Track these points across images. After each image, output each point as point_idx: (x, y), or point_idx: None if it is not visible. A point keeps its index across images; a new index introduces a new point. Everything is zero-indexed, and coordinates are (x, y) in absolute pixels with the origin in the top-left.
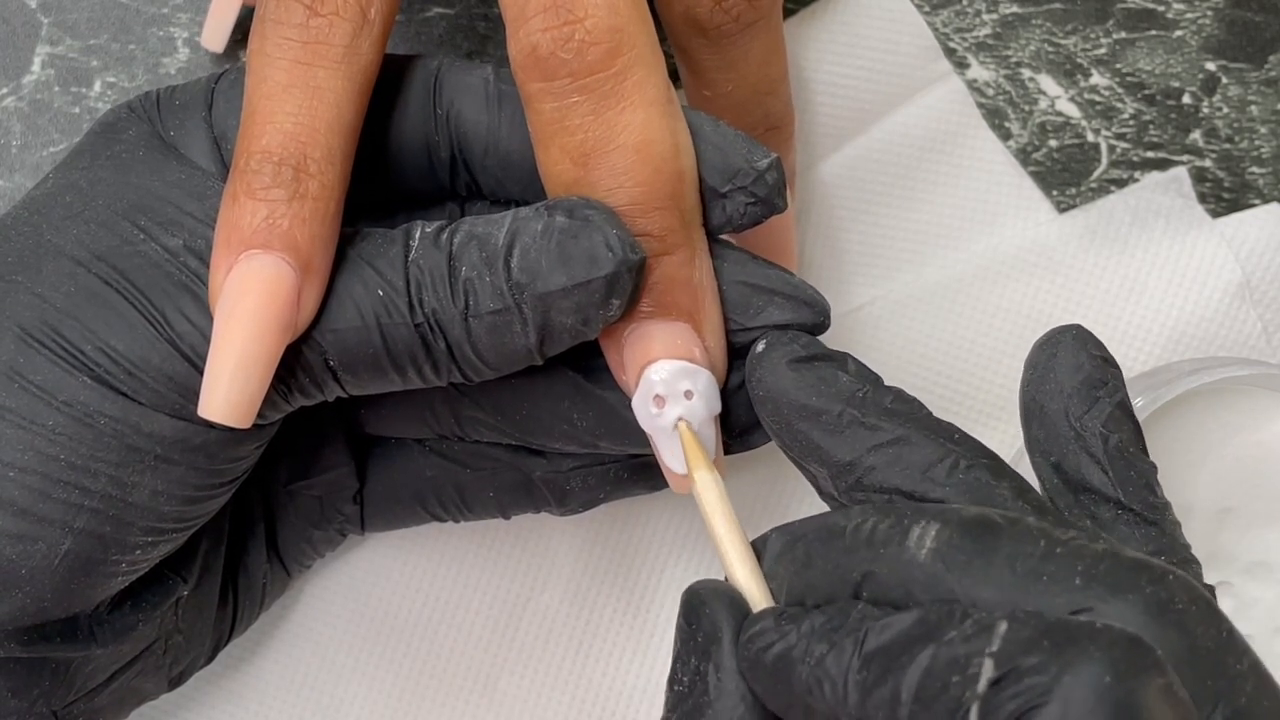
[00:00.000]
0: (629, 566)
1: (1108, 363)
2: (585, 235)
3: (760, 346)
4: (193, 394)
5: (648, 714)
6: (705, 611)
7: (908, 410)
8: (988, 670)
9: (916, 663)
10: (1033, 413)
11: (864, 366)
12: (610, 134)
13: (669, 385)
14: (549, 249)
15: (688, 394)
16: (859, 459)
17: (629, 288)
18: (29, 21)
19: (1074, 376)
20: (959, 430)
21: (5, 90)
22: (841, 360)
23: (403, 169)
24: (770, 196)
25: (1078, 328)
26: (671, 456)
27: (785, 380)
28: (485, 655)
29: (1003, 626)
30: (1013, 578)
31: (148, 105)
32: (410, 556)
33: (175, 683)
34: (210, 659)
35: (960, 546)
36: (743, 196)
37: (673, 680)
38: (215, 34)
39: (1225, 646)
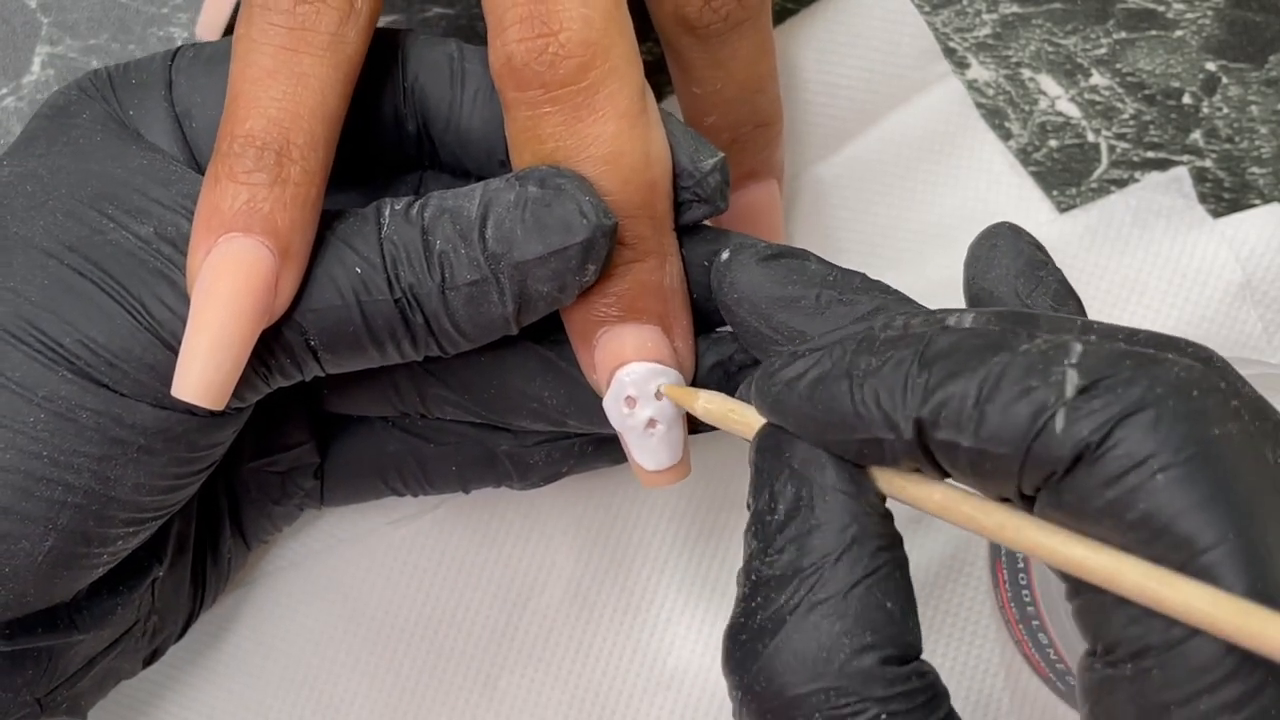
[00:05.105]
0: (629, 566)
1: (1041, 250)
2: (559, 203)
3: (725, 254)
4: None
5: (648, 714)
6: (798, 440)
7: (878, 286)
8: (1073, 379)
9: (989, 366)
10: (982, 299)
11: (825, 259)
12: (581, 145)
13: (640, 386)
14: (523, 218)
15: (658, 394)
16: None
17: (604, 253)
18: (29, 21)
19: (1017, 261)
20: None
21: (5, 90)
22: (804, 254)
23: (371, 138)
24: (713, 197)
25: (1010, 223)
26: (642, 454)
27: (757, 276)
28: (485, 655)
29: (1078, 346)
30: None
31: (100, 84)
32: (410, 556)
33: (149, 661)
34: (181, 635)
35: (1001, 322)
36: (685, 195)
37: (762, 513)
38: (211, 24)
39: (1261, 399)
